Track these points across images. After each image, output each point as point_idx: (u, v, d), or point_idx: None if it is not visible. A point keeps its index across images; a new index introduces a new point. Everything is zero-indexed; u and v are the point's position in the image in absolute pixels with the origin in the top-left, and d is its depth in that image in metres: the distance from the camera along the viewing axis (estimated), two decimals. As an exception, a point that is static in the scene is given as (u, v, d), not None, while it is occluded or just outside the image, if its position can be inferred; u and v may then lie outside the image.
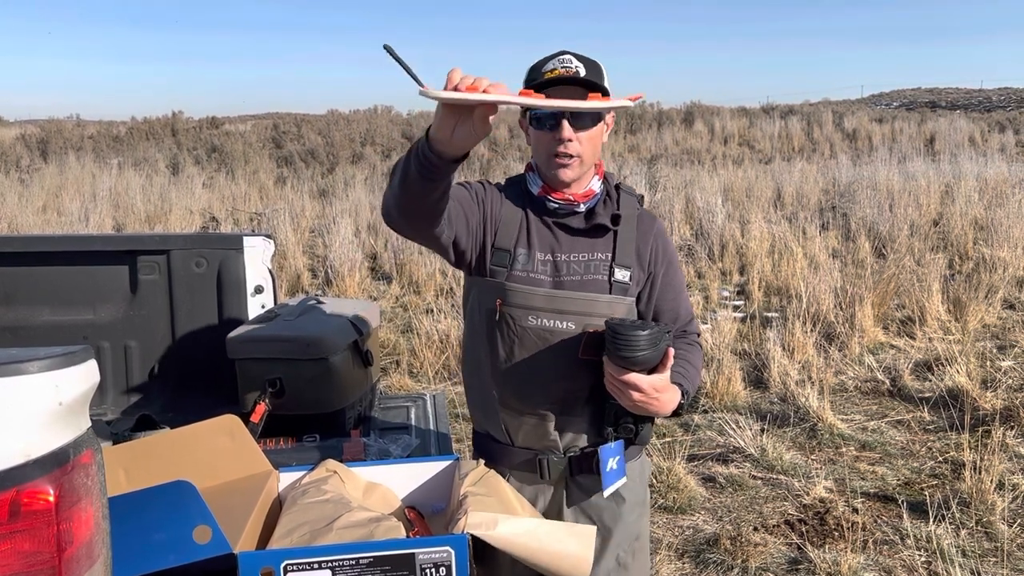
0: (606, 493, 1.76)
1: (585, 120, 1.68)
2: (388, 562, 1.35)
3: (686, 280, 1.90)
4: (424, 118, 25.87)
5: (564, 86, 1.66)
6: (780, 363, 5.31)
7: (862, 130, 24.19)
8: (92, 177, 14.46)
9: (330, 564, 1.33)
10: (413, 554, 1.36)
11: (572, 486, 1.82)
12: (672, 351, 1.61)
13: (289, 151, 21.31)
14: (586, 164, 1.73)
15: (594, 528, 1.55)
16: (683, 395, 1.69)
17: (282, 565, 1.33)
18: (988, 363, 5.44)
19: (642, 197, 1.88)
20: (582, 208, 1.76)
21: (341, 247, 8.56)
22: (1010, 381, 5.10)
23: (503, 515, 1.47)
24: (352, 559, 1.34)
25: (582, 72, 1.66)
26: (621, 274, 1.75)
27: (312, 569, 1.33)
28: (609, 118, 1.76)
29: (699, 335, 1.91)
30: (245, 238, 2.70)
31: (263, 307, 2.71)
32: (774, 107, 28.69)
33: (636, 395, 1.59)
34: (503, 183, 1.86)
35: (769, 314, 6.77)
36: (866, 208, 10.26)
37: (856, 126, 24.75)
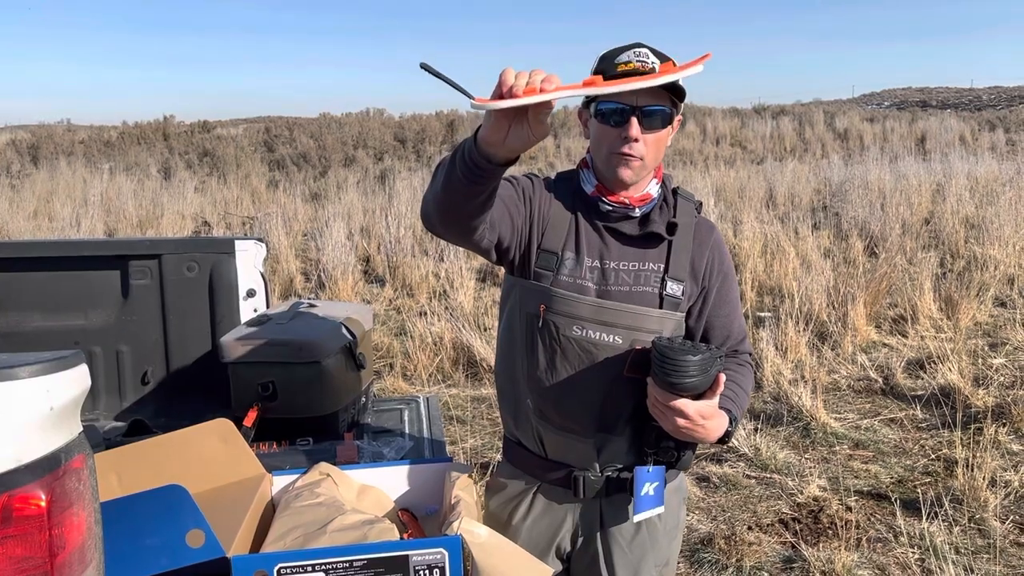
0: (636, 518, 1.66)
1: (655, 120, 1.57)
2: (382, 564, 1.35)
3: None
4: (416, 120, 25.85)
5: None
6: (773, 362, 5.32)
7: (853, 130, 24.29)
8: (83, 182, 14.41)
9: (324, 567, 1.33)
10: (407, 556, 1.36)
11: (607, 507, 1.72)
12: (723, 377, 1.51)
13: (281, 155, 21.28)
14: (648, 167, 1.61)
15: (551, 571, 1.49)
16: (731, 421, 1.58)
17: (276, 569, 1.33)
18: (980, 361, 5.47)
19: (700, 204, 1.75)
20: (637, 212, 1.64)
21: (334, 250, 8.54)
22: (1002, 378, 5.13)
23: (487, 527, 1.48)
24: (346, 562, 1.34)
25: (657, 68, 1.53)
26: (673, 288, 1.63)
27: (306, 572, 1.33)
28: (676, 121, 1.63)
29: (751, 355, 1.79)
30: (237, 242, 2.70)
31: (255, 311, 2.71)
32: (765, 107, 28.79)
33: (681, 421, 1.49)
34: (553, 178, 1.74)
35: (762, 314, 6.78)
36: (858, 207, 10.30)
37: (847, 126, 24.85)
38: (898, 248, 8.57)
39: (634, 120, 1.55)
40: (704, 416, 1.50)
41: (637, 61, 1.53)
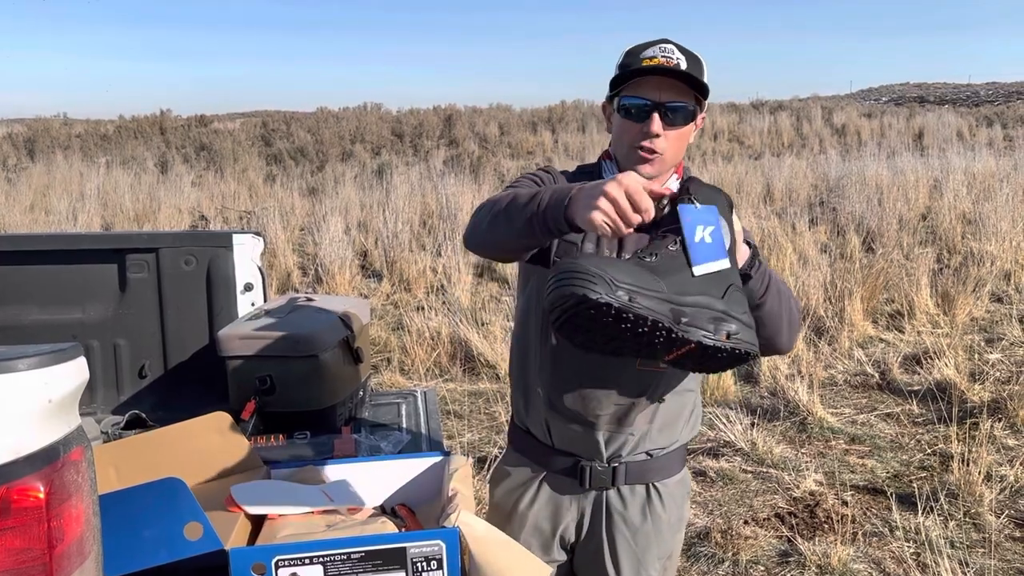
0: (696, 271, 1.28)
1: (677, 116, 1.58)
2: (379, 556, 1.35)
3: None
4: (414, 115, 25.81)
5: (663, 77, 1.55)
6: (770, 358, 5.33)
7: (851, 125, 24.27)
8: (80, 176, 14.38)
9: (322, 559, 1.34)
10: (404, 548, 1.36)
11: (613, 498, 1.71)
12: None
13: (278, 149, 21.24)
14: (668, 163, 1.62)
15: (550, 570, 1.49)
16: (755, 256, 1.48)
17: (273, 561, 1.33)
18: (976, 356, 5.48)
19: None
20: None
21: (331, 245, 8.53)
22: (998, 373, 5.14)
23: (484, 521, 1.48)
24: (344, 554, 1.34)
25: (683, 65, 1.54)
26: None
27: (304, 564, 1.33)
28: (700, 119, 1.64)
29: None
30: (234, 235, 2.69)
31: (253, 305, 2.71)
32: (763, 103, 28.74)
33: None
34: (572, 171, 1.77)
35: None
36: (855, 203, 10.30)
37: (845, 121, 24.83)
38: (895, 243, 8.58)
39: (656, 116, 1.56)
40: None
41: (662, 56, 1.55)
